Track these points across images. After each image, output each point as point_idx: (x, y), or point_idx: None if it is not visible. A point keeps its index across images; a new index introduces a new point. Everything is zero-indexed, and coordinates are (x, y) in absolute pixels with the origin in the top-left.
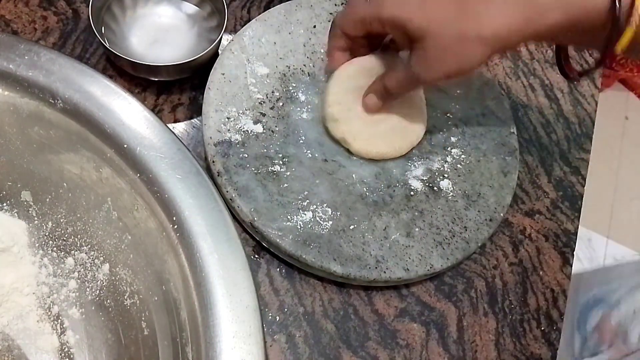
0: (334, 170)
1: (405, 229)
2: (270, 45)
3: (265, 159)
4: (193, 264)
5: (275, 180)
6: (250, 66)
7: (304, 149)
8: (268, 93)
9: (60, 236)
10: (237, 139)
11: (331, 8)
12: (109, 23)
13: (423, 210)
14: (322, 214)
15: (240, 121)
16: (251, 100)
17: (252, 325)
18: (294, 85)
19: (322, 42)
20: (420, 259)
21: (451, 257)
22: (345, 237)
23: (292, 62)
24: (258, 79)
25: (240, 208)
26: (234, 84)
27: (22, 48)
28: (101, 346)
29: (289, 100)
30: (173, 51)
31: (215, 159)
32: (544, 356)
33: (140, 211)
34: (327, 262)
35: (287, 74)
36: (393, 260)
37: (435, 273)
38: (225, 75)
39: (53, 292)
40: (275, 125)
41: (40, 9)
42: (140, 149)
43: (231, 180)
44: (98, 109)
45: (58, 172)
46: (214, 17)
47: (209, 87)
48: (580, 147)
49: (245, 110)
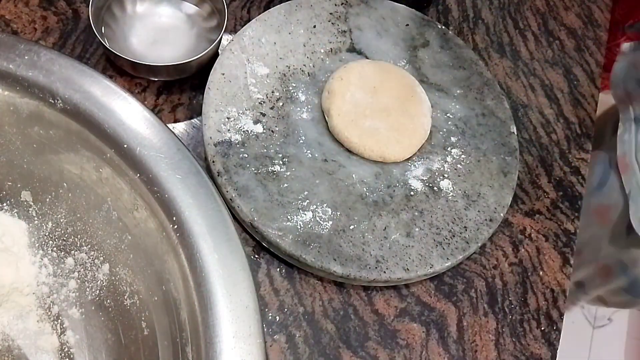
0: (334, 170)
1: (405, 229)
2: (270, 45)
3: (265, 159)
4: (193, 264)
5: (275, 180)
6: (250, 66)
7: (304, 149)
8: (268, 93)
9: (60, 236)
10: (237, 139)
11: (331, 8)
12: (109, 23)
13: (423, 210)
14: (322, 213)
15: (240, 121)
16: (251, 100)
17: (252, 326)
18: (294, 85)
19: (322, 42)
20: (420, 259)
21: (451, 257)
22: (345, 237)
23: (292, 62)
24: (258, 79)
25: (240, 208)
26: (234, 84)
27: (22, 48)
28: (101, 346)
29: (289, 100)
30: (173, 51)
31: (215, 159)
32: (544, 356)
33: (140, 211)
34: (327, 262)
35: (287, 74)
36: (393, 260)
37: (435, 273)
38: (225, 75)
39: (53, 292)
40: (275, 125)
41: (40, 9)
42: (140, 149)
43: (231, 180)
44: (98, 109)
45: (58, 172)
46: (213, 17)
47: (209, 87)
48: (580, 147)
49: (245, 110)
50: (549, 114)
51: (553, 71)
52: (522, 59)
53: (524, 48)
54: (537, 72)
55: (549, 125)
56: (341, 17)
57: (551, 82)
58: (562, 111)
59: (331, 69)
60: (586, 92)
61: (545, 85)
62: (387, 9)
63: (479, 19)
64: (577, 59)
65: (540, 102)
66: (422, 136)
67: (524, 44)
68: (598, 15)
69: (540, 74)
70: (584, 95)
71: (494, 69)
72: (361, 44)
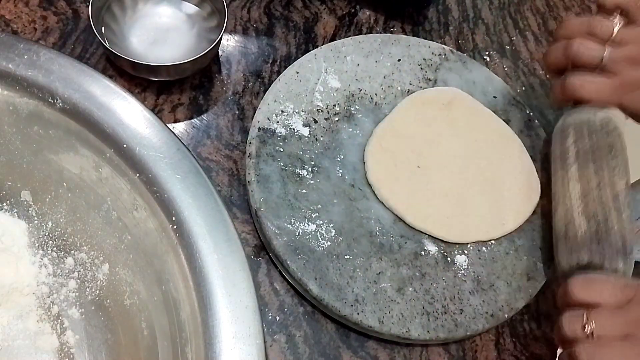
0: (357, 197)
1: (399, 283)
2: (353, 65)
3: (296, 160)
4: (193, 264)
5: (296, 182)
6: (324, 75)
7: (337, 166)
8: (329, 105)
9: (60, 236)
10: (281, 132)
11: (427, 54)
12: (109, 23)
13: (425, 274)
14: (325, 232)
15: (291, 118)
16: (311, 105)
17: (251, 326)
18: (357, 108)
19: (403, 81)
20: (400, 319)
21: (432, 332)
22: (336, 263)
23: (366, 87)
24: (327, 89)
25: (253, 193)
26: (302, 85)
27: (22, 47)
28: (101, 346)
29: (345, 119)
30: (173, 51)
31: (252, 141)
32: (544, 357)
33: (140, 211)
34: (307, 277)
35: (356, 95)
36: (372, 306)
37: (408, 340)
38: (299, 74)
39: (53, 292)
40: (321, 135)
41: (40, 9)
42: (140, 148)
43: (257, 166)
44: (97, 108)
45: (57, 172)
46: (213, 17)
47: (279, 79)
48: None
49: (301, 111)
50: (549, 113)
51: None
52: (522, 59)
53: (524, 48)
54: (537, 72)
55: (550, 125)
56: (432, 65)
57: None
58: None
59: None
60: None
61: (545, 85)
62: (482, 76)
63: (479, 19)
64: None
65: (541, 102)
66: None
67: (524, 44)
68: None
69: (540, 74)
70: None
71: (494, 69)
72: None
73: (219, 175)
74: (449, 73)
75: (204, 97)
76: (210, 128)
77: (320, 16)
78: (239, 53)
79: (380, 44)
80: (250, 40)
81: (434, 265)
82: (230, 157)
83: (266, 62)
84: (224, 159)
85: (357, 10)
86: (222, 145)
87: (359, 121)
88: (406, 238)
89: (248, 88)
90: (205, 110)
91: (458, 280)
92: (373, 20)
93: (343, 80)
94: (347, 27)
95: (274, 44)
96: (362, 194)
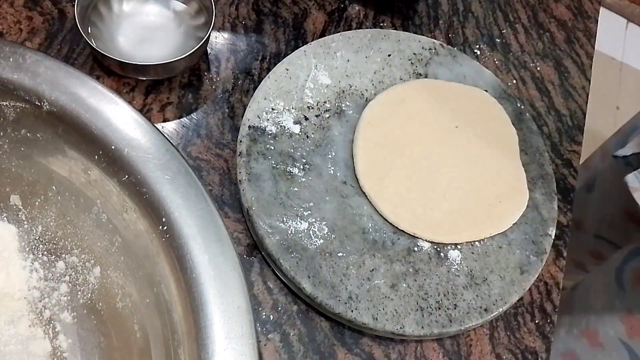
0: (349, 195)
1: (393, 280)
2: (343, 61)
3: (288, 158)
4: (184, 265)
5: (288, 180)
6: (314, 72)
7: (329, 163)
8: (320, 102)
9: (50, 240)
10: (271, 130)
11: (417, 49)
12: (96, 22)
13: (419, 270)
14: (317, 230)
15: (282, 116)
16: (301, 102)
17: (244, 326)
18: (347, 104)
19: (393, 76)
20: (394, 315)
21: (427, 327)
22: (329, 261)
23: (356, 83)
24: (317, 86)
25: (244, 192)
26: (292, 82)
27: (7, 50)
28: (94, 350)
29: (336, 115)
30: (161, 50)
31: (243, 140)
32: (539, 349)
33: (130, 213)
34: (300, 276)
35: (346, 91)
36: (366, 303)
37: (403, 336)
38: (289, 71)
39: (44, 296)
40: (312, 132)
41: (25, 9)
42: (129, 150)
43: (248, 164)
44: (85, 110)
45: (46, 175)
46: (201, 15)
47: (269, 76)
48: (571, 140)
49: (291, 109)
50: (540, 106)
51: (544, 63)
52: (513, 51)
53: (515, 41)
54: (527, 64)
55: (540, 117)
56: (423, 60)
57: (542, 74)
58: (553, 103)
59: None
60: (577, 84)
61: (536, 78)
62: (472, 70)
63: (469, 12)
64: (568, 51)
65: (532, 94)
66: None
67: (515, 37)
68: (588, 6)
69: (531, 67)
70: (575, 87)
71: (485, 63)
72: None
73: (209, 174)
74: (439, 67)
75: (193, 96)
76: (200, 127)
77: (310, 12)
78: (228, 50)
79: (370, 39)
80: (239, 37)
81: (427, 261)
82: (220, 156)
83: (255, 60)
84: (214, 158)
85: (346, 6)
86: (212, 144)
87: (350, 117)
88: (399, 234)
89: (238, 86)
90: (195, 109)
91: (451, 276)
92: (362, 15)
93: (333, 77)
94: (337, 23)
95: (263, 40)
96: (354, 191)
